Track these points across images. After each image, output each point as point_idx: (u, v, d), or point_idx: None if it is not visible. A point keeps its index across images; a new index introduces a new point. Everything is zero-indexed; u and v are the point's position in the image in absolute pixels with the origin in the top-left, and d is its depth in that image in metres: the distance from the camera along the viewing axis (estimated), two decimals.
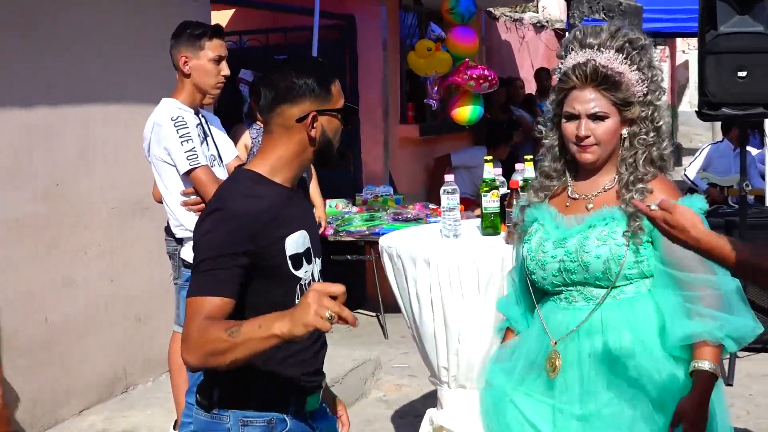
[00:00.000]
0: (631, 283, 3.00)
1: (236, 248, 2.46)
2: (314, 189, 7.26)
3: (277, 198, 2.61)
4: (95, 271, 5.80)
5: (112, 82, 5.87)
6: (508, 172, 4.94)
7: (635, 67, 3.03)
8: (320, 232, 6.70)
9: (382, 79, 9.15)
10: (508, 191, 4.43)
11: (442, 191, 4.45)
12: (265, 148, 2.67)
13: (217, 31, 4.62)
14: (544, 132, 3.19)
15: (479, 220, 4.58)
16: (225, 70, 4.60)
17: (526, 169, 4.59)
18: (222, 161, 4.64)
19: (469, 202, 8.42)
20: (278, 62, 2.71)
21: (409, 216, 7.82)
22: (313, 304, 2.18)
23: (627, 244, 2.94)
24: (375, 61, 9.11)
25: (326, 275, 2.75)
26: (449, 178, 4.51)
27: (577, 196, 3.11)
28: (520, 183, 4.37)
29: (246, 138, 6.89)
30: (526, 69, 13.51)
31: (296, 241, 2.62)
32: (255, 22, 9.31)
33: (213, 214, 2.51)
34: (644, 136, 3.04)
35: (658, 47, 16.75)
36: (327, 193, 7.82)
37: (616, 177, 3.06)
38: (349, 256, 8.13)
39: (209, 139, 4.60)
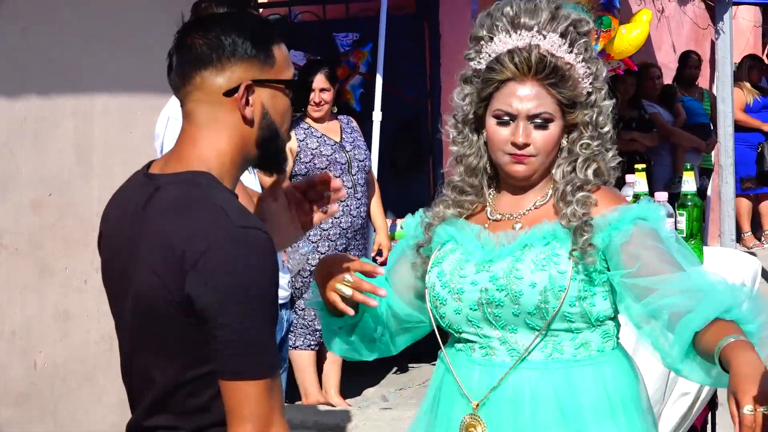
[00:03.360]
0: (571, 332, 2.91)
1: (275, 288, 2.36)
2: (375, 207, 7.36)
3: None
4: (96, 302, 5.84)
5: (115, 69, 5.99)
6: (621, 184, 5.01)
7: (581, 57, 2.96)
8: (381, 261, 6.75)
9: None
10: None
11: None
12: (191, 139, 2.45)
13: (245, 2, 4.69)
14: (452, 136, 3.07)
15: None
16: None
17: (638, 182, 4.65)
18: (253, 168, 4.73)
19: None
20: (199, 18, 2.56)
21: None
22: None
23: (573, 270, 2.85)
24: (462, 40, 9.13)
25: None
26: None
27: (499, 216, 3.03)
28: (629, 199, 4.43)
29: (291, 140, 7.02)
30: (665, 52, 13.40)
31: None
32: None
33: (244, 237, 2.31)
34: (588, 141, 2.95)
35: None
36: (396, 210, 7.92)
37: (550, 191, 3.00)
38: None
39: None
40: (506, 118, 2.92)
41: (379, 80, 7.71)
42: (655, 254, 2.83)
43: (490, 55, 2.96)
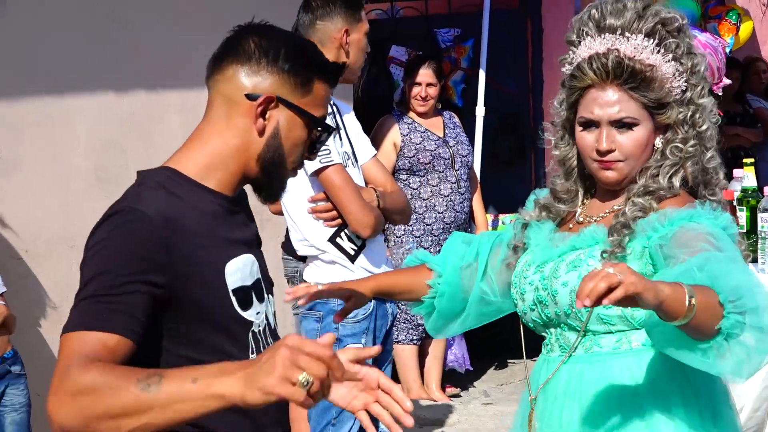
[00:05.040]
0: (611, 333, 2.84)
1: (144, 266, 2.16)
2: (476, 202, 7.29)
3: (210, 207, 2.36)
4: None
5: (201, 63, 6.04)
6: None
7: (670, 56, 2.86)
8: None
9: None
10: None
11: None
12: (196, 135, 2.43)
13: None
14: (553, 141, 3.04)
15: None
16: (368, 46, 4.67)
17: (746, 176, 4.56)
18: (357, 161, 4.73)
19: None
20: (265, 25, 2.48)
21: None
22: (280, 363, 1.86)
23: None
24: (564, 35, 9.09)
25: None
26: None
27: (582, 219, 2.99)
28: (737, 194, 4.36)
29: (395, 134, 6.99)
30: None
31: (240, 270, 2.37)
32: None
33: (112, 218, 2.23)
34: (679, 145, 2.86)
35: None
36: (498, 205, 7.88)
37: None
38: None
39: (342, 132, 4.65)
40: (590, 124, 2.88)
41: (482, 75, 7.66)
42: (697, 244, 2.61)
43: (575, 61, 2.92)
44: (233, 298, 2.33)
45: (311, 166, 4.39)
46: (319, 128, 2.44)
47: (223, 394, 1.90)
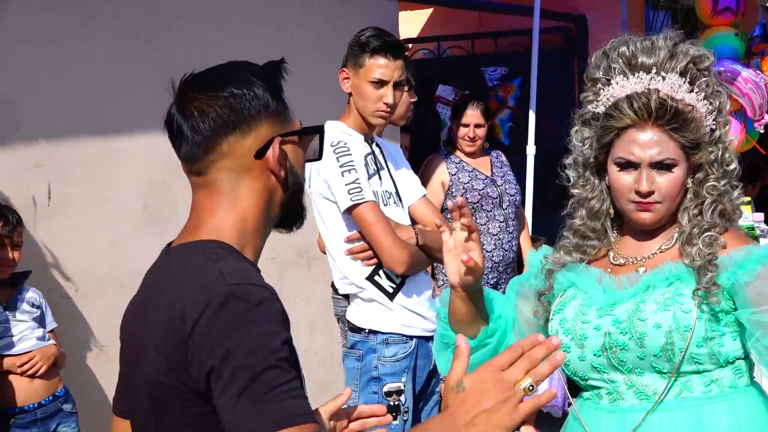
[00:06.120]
0: (699, 374, 2.76)
1: (287, 346, 2.03)
2: (525, 241, 7.15)
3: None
4: None
5: None
6: None
7: (702, 95, 2.82)
8: None
9: None
10: None
11: None
12: (209, 210, 2.20)
13: (380, 48, 4.54)
14: (573, 180, 2.96)
15: None
16: (388, 97, 4.54)
17: None
18: (401, 201, 4.71)
19: None
20: (192, 77, 2.23)
21: None
22: (502, 392, 1.86)
23: (698, 310, 2.70)
24: None
25: None
26: None
27: (622, 260, 2.91)
28: None
29: (443, 173, 6.93)
30: None
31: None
32: (458, 25, 9.45)
33: (237, 298, 2.02)
34: (714, 183, 2.82)
35: None
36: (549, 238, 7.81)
37: (676, 235, 2.86)
38: None
39: (383, 172, 4.66)
40: (628, 165, 2.81)
41: (532, 115, 7.61)
42: None
43: (609, 99, 2.85)
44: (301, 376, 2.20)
45: (343, 204, 4.41)
46: (309, 135, 2.29)
47: None
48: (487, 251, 6.83)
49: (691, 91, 2.81)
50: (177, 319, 2.02)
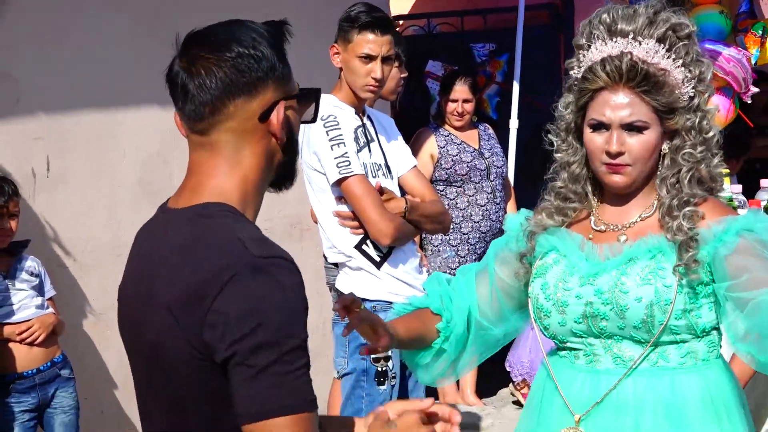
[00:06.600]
0: (676, 344, 2.79)
1: (304, 319, 2.02)
2: (511, 210, 7.20)
3: None
4: None
5: None
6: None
7: (680, 62, 2.80)
8: None
9: None
10: None
11: None
12: (210, 171, 2.16)
13: (368, 24, 4.58)
14: (556, 144, 2.98)
15: None
16: (376, 71, 4.59)
17: None
18: (391, 172, 4.77)
19: None
20: (197, 33, 2.18)
21: None
22: None
23: (678, 284, 2.73)
24: None
25: None
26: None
27: (603, 227, 2.92)
28: (764, 203, 4.36)
29: (432, 146, 6.99)
30: None
31: None
32: (448, 2, 9.44)
33: (263, 269, 1.99)
34: (690, 150, 2.82)
35: None
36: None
37: (655, 203, 2.87)
38: None
39: (373, 144, 4.71)
40: (600, 126, 2.83)
41: (516, 89, 7.67)
42: (760, 265, 2.67)
43: (587, 64, 2.86)
44: None
45: (332, 176, 4.47)
46: (307, 99, 2.24)
47: None
48: (474, 221, 6.93)
49: (669, 57, 2.80)
50: (195, 284, 2.00)
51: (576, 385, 2.87)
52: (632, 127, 2.80)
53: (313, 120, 2.29)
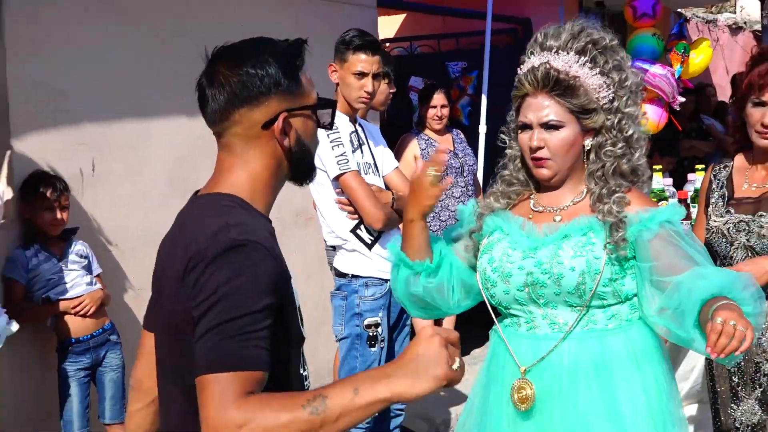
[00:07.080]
0: (603, 308, 2.80)
1: (271, 299, 1.95)
2: None
3: (269, 231, 2.12)
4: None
5: None
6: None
7: (598, 70, 2.79)
8: None
9: None
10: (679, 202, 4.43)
11: None
12: (228, 168, 2.16)
13: (362, 46, 4.59)
14: (507, 142, 3.01)
15: None
16: (368, 86, 4.59)
17: (698, 179, 4.56)
18: (378, 171, 4.78)
19: None
20: (222, 49, 2.18)
21: None
22: (444, 355, 1.84)
23: (606, 258, 2.74)
24: None
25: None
26: None
27: (541, 209, 2.93)
28: (690, 194, 4.36)
29: (414, 148, 7.00)
30: (719, 75, 13.13)
31: (295, 290, 2.18)
32: (426, 27, 9.47)
33: (236, 249, 1.96)
34: (611, 148, 2.83)
35: None
36: None
37: (584, 189, 2.88)
38: None
39: (364, 147, 4.72)
40: (525, 126, 2.85)
41: (484, 100, 7.68)
42: (676, 252, 2.68)
43: (518, 76, 2.89)
44: (299, 317, 2.18)
45: (332, 172, 4.47)
46: (323, 108, 2.23)
47: (389, 396, 1.81)
48: (451, 211, 6.94)
49: (585, 65, 2.79)
50: (188, 259, 2.00)
51: (521, 348, 2.87)
52: (549, 126, 2.81)
53: (330, 126, 2.27)
